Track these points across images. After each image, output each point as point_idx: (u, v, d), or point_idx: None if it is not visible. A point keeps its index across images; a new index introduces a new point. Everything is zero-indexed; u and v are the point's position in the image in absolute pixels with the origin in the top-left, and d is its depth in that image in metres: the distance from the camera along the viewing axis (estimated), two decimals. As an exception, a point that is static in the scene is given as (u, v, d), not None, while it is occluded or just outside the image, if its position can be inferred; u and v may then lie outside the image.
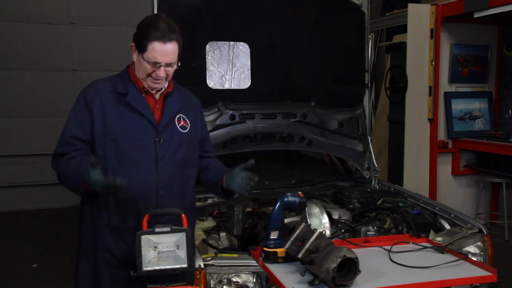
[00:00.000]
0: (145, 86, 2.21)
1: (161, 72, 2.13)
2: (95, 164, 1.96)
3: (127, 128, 2.17)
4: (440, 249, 2.23)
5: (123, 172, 2.14)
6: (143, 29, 2.13)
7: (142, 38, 2.12)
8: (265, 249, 2.12)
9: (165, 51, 2.11)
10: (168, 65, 2.14)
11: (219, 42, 3.34)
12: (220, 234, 2.83)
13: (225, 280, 2.36)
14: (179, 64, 2.21)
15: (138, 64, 2.18)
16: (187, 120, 2.32)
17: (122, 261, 2.19)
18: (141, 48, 2.12)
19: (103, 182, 1.95)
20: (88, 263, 2.26)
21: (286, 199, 2.23)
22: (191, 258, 1.97)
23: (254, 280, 2.36)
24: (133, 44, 2.17)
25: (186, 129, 2.30)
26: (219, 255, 2.46)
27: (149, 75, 2.15)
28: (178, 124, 2.28)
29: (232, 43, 3.37)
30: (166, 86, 2.27)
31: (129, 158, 2.16)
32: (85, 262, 2.27)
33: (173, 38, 2.13)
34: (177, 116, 2.29)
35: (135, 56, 2.19)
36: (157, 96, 2.26)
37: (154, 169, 2.19)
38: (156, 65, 2.12)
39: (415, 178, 5.74)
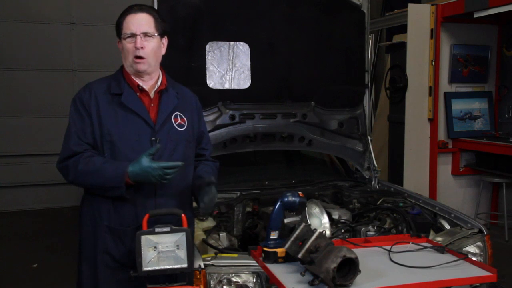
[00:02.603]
0: (132, 71, 2.20)
1: (138, 42, 2.14)
2: (154, 152, 2.08)
3: (123, 129, 2.17)
4: (440, 249, 2.23)
5: None
6: (119, 15, 2.23)
7: (118, 21, 2.21)
8: (265, 249, 2.12)
9: (137, 20, 2.17)
10: (146, 35, 2.16)
11: (219, 42, 3.35)
12: (220, 234, 2.83)
13: (225, 280, 2.36)
14: (164, 41, 2.26)
15: (122, 51, 2.21)
16: (184, 118, 2.31)
17: (122, 263, 2.19)
18: (119, 29, 2.20)
19: (165, 166, 2.05)
20: (89, 265, 2.26)
21: (286, 199, 2.23)
22: (191, 258, 1.97)
23: (254, 280, 2.36)
24: (117, 40, 2.23)
25: (183, 127, 2.29)
26: (219, 255, 2.45)
27: (131, 53, 2.17)
28: (175, 122, 2.27)
29: (232, 43, 3.37)
30: (159, 83, 2.27)
31: (126, 159, 2.15)
32: (86, 264, 2.27)
33: (145, 9, 2.21)
34: (174, 114, 2.28)
35: (120, 47, 2.23)
36: (152, 94, 2.25)
37: None
38: (133, 37, 2.15)
39: (415, 178, 5.74)
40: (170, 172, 2.07)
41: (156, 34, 2.20)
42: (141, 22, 2.17)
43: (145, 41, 2.16)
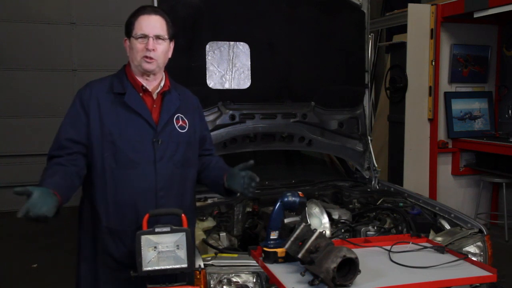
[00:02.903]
0: (140, 71, 2.19)
1: (150, 44, 2.14)
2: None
3: (125, 129, 2.16)
4: (440, 249, 2.23)
5: (122, 173, 2.15)
6: (130, 15, 2.21)
7: (129, 20, 2.19)
8: (265, 249, 2.12)
9: (151, 22, 2.16)
10: (157, 37, 2.16)
11: (219, 42, 3.34)
12: (220, 234, 2.83)
13: (225, 280, 2.36)
14: (172, 44, 2.25)
15: (130, 50, 2.20)
16: (186, 120, 2.31)
17: (122, 263, 2.18)
18: (129, 29, 2.17)
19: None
20: (88, 265, 2.25)
21: (286, 199, 2.23)
22: (191, 258, 1.97)
23: (254, 280, 2.36)
24: (125, 38, 2.21)
25: (184, 129, 2.29)
26: (219, 255, 2.46)
27: (140, 53, 2.16)
28: (177, 124, 2.26)
29: (232, 43, 3.37)
30: (162, 85, 2.27)
31: (127, 160, 2.15)
32: (85, 264, 2.26)
33: (158, 12, 2.21)
34: (176, 116, 2.27)
35: (127, 47, 2.21)
36: (155, 95, 2.25)
37: (153, 171, 2.18)
38: (145, 38, 2.15)
39: (415, 178, 5.74)
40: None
41: (167, 37, 2.20)
42: (155, 25, 2.17)
43: (156, 43, 2.16)
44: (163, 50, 2.19)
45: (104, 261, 2.21)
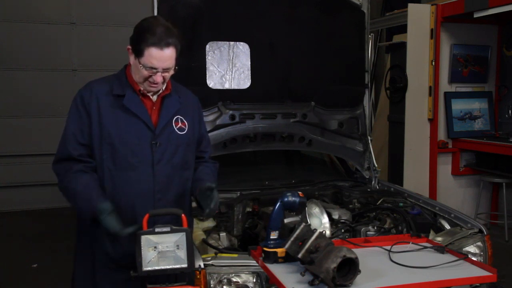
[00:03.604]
0: (142, 89, 2.18)
1: (158, 78, 2.10)
2: (112, 211, 2.03)
3: (124, 131, 2.15)
4: (440, 249, 2.23)
5: (120, 175, 2.15)
6: (140, 34, 2.08)
7: (138, 42, 2.07)
8: (265, 249, 2.12)
9: (162, 57, 2.07)
10: (165, 70, 2.11)
11: (219, 42, 3.34)
12: (220, 234, 2.83)
13: (225, 280, 2.36)
14: (177, 68, 2.17)
15: (135, 68, 2.14)
16: (185, 121, 2.30)
17: (119, 263, 2.19)
18: (138, 52, 2.08)
19: (116, 231, 2.01)
20: (84, 265, 2.26)
21: (286, 199, 2.23)
22: (191, 258, 1.97)
23: (254, 280, 2.36)
24: (129, 47, 2.13)
25: (184, 131, 2.28)
26: (219, 255, 2.45)
27: (145, 79, 2.13)
28: (176, 126, 2.26)
29: (232, 43, 3.37)
30: (163, 89, 2.26)
31: (126, 162, 2.15)
32: (82, 264, 2.27)
33: (171, 43, 2.08)
34: (175, 118, 2.27)
35: (132, 59, 2.15)
36: (154, 98, 2.24)
37: (151, 173, 2.18)
38: (153, 70, 2.08)
39: (415, 178, 5.74)
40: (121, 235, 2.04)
41: (174, 65, 2.14)
42: (165, 59, 2.08)
43: (163, 73, 2.11)
44: (168, 77, 2.16)
45: (101, 261, 2.21)
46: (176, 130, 2.26)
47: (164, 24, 2.11)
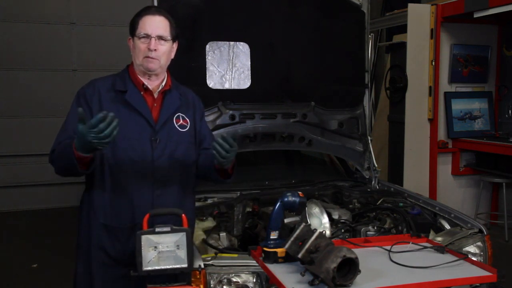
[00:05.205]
0: (142, 70, 2.20)
1: (153, 44, 2.15)
2: (83, 116, 1.89)
3: (124, 127, 2.15)
4: (440, 249, 2.23)
5: (119, 170, 2.16)
6: (135, 14, 2.23)
7: (133, 19, 2.21)
8: (265, 249, 2.12)
9: (154, 22, 2.18)
10: (160, 38, 2.17)
11: (219, 42, 3.34)
12: (220, 234, 2.83)
13: (225, 280, 2.36)
14: (175, 45, 2.26)
15: (133, 49, 2.21)
16: (187, 119, 2.31)
17: (117, 261, 2.20)
18: (133, 28, 2.19)
19: (91, 123, 1.84)
20: (85, 263, 2.26)
21: (286, 199, 2.23)
22: (191, 258, 1.97)
23: (254, 280, 2.36)
24: (129, 37, 2.22)
25: (185, 128, 2.29)
26: (219, 255, 2.45)
27: (143, 53, 2.17)
28: (177, 123, 2.27)
29: (232, 43, 3.37)
30: (164, 84, 2.27)
31: (126, 157, 2.16)
32: (83, 262, 2.27)
33: (162, 13, 2.23)
34: (176, 115, 2.28)
35: (131, 46, 2.22)
36: (156, 94, 2.26)
37: (150, 169, 2.19)
38: (147, 38, 2.16)
39: (415, 178, 5.75)
40: (102, 127, 1.85)
41: (169, 38, 2.21)
42: (158, 25, 2.18)
43: (158, 44, 2.17)
44: (165, 50, 2.20)
45: (100, 258, 2.21)
46: (177, 127, 2.27)
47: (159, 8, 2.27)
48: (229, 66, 3.37)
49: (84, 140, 1.89)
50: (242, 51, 3.40)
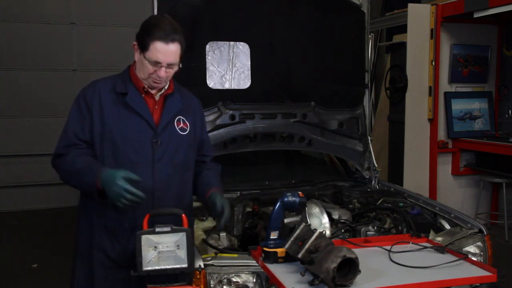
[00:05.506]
0: (145, 85, 2.19)
1: (162, 72, 2.12)
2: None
3: (125, 129, 2.16)
4: (440, 249, 2.23)
5: None
6: (147, 29, 2.12)
7: (145, 37, 2.10)
8: (265, 249, 2.12)
9: (167, 51, 2.09)
10: (170, 65, 2.13)
11: (219, 42, 3.34)
12: (220, 234, 2.83)
13: (225, 280, 2.36)
14: (181, 66, 2.19)
15: (140, 63, 2.16)
16: (187, 122, 2.31)
17: (116, 262, 2.19)
18: (143, 47, 2.10)
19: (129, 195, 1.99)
20: (83, 263, 2.26)
21: (286, 199, 2.23)
22: (191, 258, 1.97)
23: (254, 280, 2.36)
24: (135, 43, 2.16)
25: (185, 131, 2.29)
26: (219, 255, 2.45)
27: (150, 75, 2.14)
28: (178, 126, 2.27)
29: (232, 43, 3.37)
30: (166, 87, 2.27)
31: (126, 159, 2.16)
32: (81, 262, 2.27)
33: (176, 39, 2.11)
34: (177, 118, 2.28)
35: (137, 55, 2.17)
36: (157, 97, 2.25)
37: (151, 171, 2.18)
38: (157, 65, 2.10)
39: (415, 178, 5.74)
40: (128, 197, 1.99)
41: (178, 61, 2.16)
42: (170, 54, 2.10)
43: (167, 69, 2.13)
44: (172, 74, 2.18)
45: (99, 259, 2.21)
46: (178, 130, 2.27)
47: (171, 21, 2.15)
48: (229, 66, 3.37)
49: (109, 186, 2.00)
50: (242, 51, 3.40)
